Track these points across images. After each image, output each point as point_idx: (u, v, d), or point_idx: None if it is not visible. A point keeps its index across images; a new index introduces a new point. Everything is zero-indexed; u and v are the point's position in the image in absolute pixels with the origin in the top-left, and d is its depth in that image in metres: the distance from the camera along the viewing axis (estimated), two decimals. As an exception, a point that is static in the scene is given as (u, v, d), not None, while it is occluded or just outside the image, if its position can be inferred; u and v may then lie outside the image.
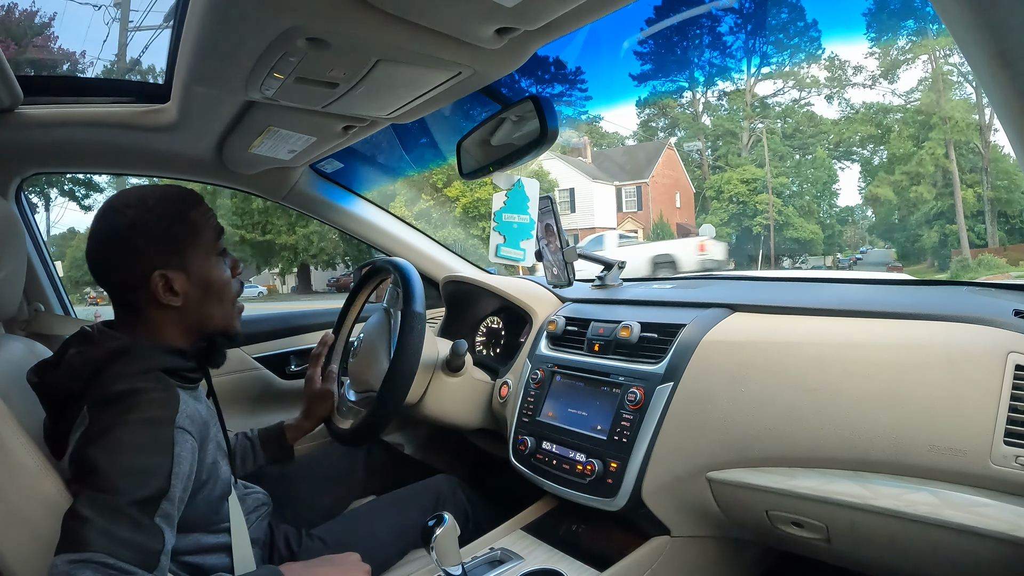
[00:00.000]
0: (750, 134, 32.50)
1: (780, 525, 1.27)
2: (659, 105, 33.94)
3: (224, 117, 1.46)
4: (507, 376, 1.80)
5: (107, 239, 1.10)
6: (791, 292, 1.59)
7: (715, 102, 34.31)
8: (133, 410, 0.97)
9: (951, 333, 1.13)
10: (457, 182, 23.11)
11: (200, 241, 1.15)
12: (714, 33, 31.39)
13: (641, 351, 1.48)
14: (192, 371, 1.16)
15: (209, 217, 1.18)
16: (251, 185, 1.99)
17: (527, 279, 2.11)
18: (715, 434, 1.30)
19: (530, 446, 1.56)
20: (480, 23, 0.97)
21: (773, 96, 32.94)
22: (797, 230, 29.18)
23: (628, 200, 30.20)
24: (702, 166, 33.32)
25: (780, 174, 30.26)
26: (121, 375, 1.01)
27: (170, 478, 0.95)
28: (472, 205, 23.21)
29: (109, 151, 1.71)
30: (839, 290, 1.57)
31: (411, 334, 1.49)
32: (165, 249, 1.11)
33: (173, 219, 1.12)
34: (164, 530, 0.92)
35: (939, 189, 26.56)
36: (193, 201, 1.17)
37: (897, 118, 29.23)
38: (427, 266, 2.31)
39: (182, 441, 1.00)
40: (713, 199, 30.75)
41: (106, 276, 1.12)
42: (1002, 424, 1.01)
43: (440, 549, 1.09)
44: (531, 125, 1.33)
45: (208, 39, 1.05)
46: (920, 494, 1.07)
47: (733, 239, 28.54)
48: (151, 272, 1.09)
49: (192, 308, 1.15)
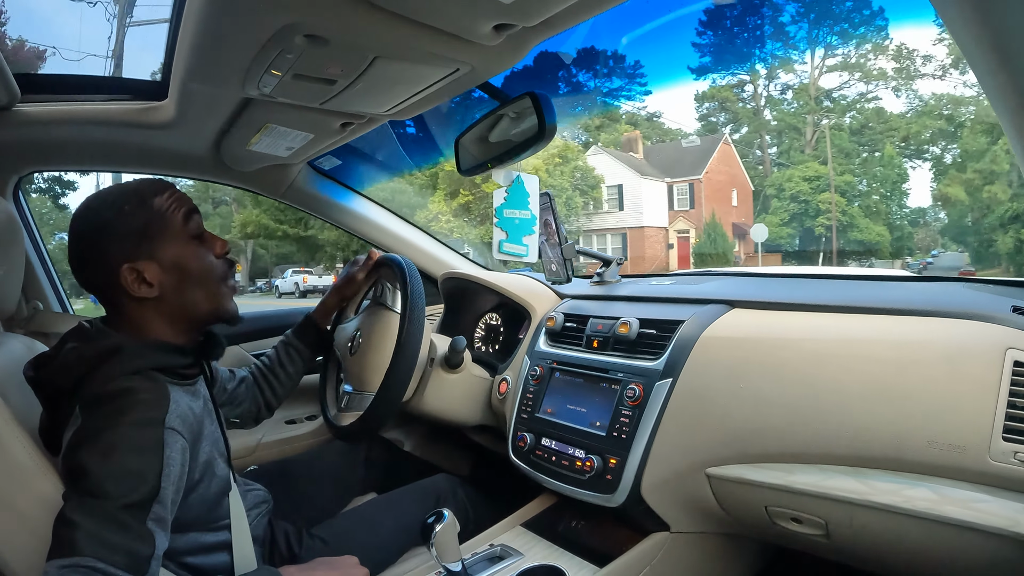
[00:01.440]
0: (814, 129, 30.44)
1: (779, 521, 1.27)
2: (719, 99, 32.44)
3: (222, 114, 1.45)
4: (506, 372, 1.80)
5: (76, 241, 1.10)
6: (789, 288, 1.59)
7: (777, 96, 32.42)
8: (122, 411, 0.96)
9: (950, 329, 1.13)
10: None
11: (168, 226, 1.13)
12: (776, 23, 29.87)
13: (640, 347, 1.48)
14: (188, 367, 1.16)
15: (175, 201, 1.15)
16: (249, 182, 1.99)
17: (526, 275, 2.11)
18: (714, 430, 1.30)
19: (529, 442, 1.56)
20: (478, 19, 0.97)
21: (838, 89, 30.85)
22: (862, 231, 27.04)
23: (680, 198, 28.43)
24: (764, 163, 32.30)
25: (845, 172, 28.23)
26: (112, 374, 1.01)
27: (160, 480, 0.94)
28: None
29: (107, 149, 1.71)
30: (837, 286, 1.57)
31: (410, 331, 1.49)
32: (130, 241, 1.09)
33: (135, 210, 1.11)
34: (156, 534, 0.91)
35: (1015, 189, 24.53)
36: (156, 189, 1.14)
37: (969, 111, 27.20)
38: (425, 263, 2.31)
39: (172, 442, 0.99)
40: (774, 197, 28.82)
41: (83, 279, 1.12)
42: (1001, 420, 1.01)
43: (440, 546, 1.09)
44: (529, 121, 1.32)
45: (206, 36, 1.05)
46: (919, 490, 1.07)
47: (796, 240, 27.39)
48: (119, 267, 1.08)
49: (171, 297, 1.13)
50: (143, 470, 0.93)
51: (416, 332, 1.50)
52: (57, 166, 1.84)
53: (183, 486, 1.02)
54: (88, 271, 1.11)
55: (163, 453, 0.97)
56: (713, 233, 26.69)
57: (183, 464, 1.02)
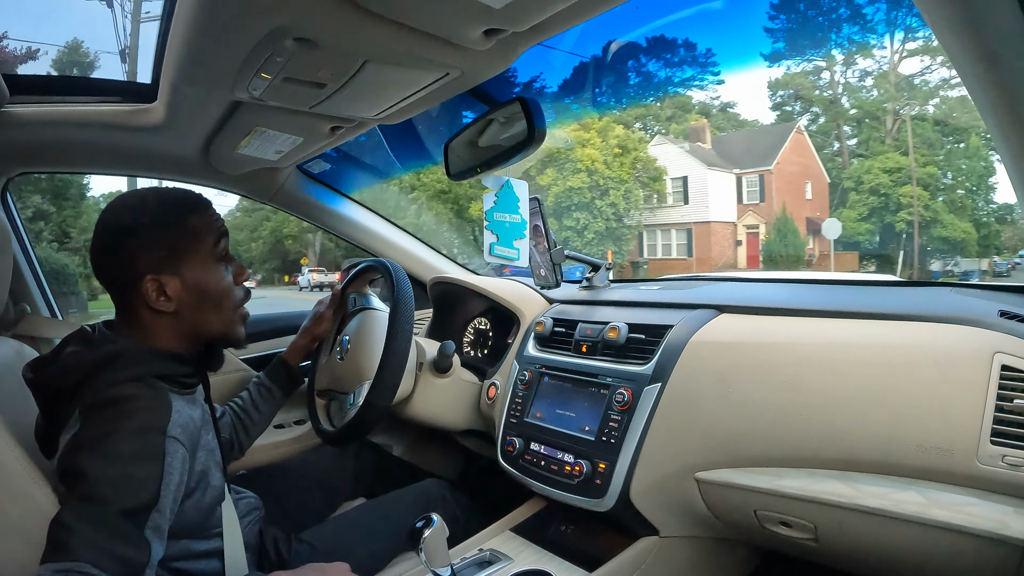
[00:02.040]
0: (895, 118, 27.11)
1: (768, 525, 1.27)
2: (793, 87, 29.68)
3: (211, 117, 1.45)
4: (495, 377, 1.80)
5: (103, 239, 1.10)
6: (777, 293, 1.60)
7: (855, 82, 28.82)
8: (124, 417, 0.96)
9: (938, 334, 1.14)
10: (550, 169, 21.53)
11: (198, 247, 1.14)
12: (852, 5, 26.61)
13: (629, 352, 1.48)
14: (188, 376, 1.15)
15: (211, 222, 1.17)
16: (238, 186, 1.99)
17: (514, 280, 2.12)
18: (703, 435, 1.30)
19: (518, 447, 1.56)
20: (468, 24, 0.97)
21: (919, 75, 27.31)
22: (946, 228, 24.17)
23: (750, 190, 25.87)
24: (842, 153, 28.82)
25: (928, 163, 25.04)
26: (114, 380, 1.00)
27: (160, 488, 0.94)
28: (565, 194, 21.39)
29: (96, 151, 1.70)
30: (825, 291, 1.58)
31: (399, 335, 1.49)
32: (159, 254, 1.09)
33: (170, 224, 1.11)
34: (152, 543, 0.91)
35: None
36: (195, 205, 1.16)
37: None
38: (414, 267, 2.30)
39: (173, 451, 0.99)
40: (852, 191, 25.78)
41: (102, 274, 1.12)
42: (988, 424, 1.02)
43: (429, 551, 1.09)
44: (519, 126, 1.33)
45: (196, 38, 1.04)
46: (908, 493, 1.08)
47: (876, 237, 25.30)
48: (143, 276, 1.08)
49: (187, 314, 1.13)
50: (143, 477, 0.93)
51: (405, 336, 1.50)
52: (45, 168, 1.83)
53: (181, 495, 1.02)
54: (111, 267, 1.11)
55: (164, 461, 0.96)
56: (784, 228, 24.59)
57: (183, 473, 1.01)
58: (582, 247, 19.70)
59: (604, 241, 22.10)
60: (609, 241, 22.38)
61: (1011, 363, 1.04)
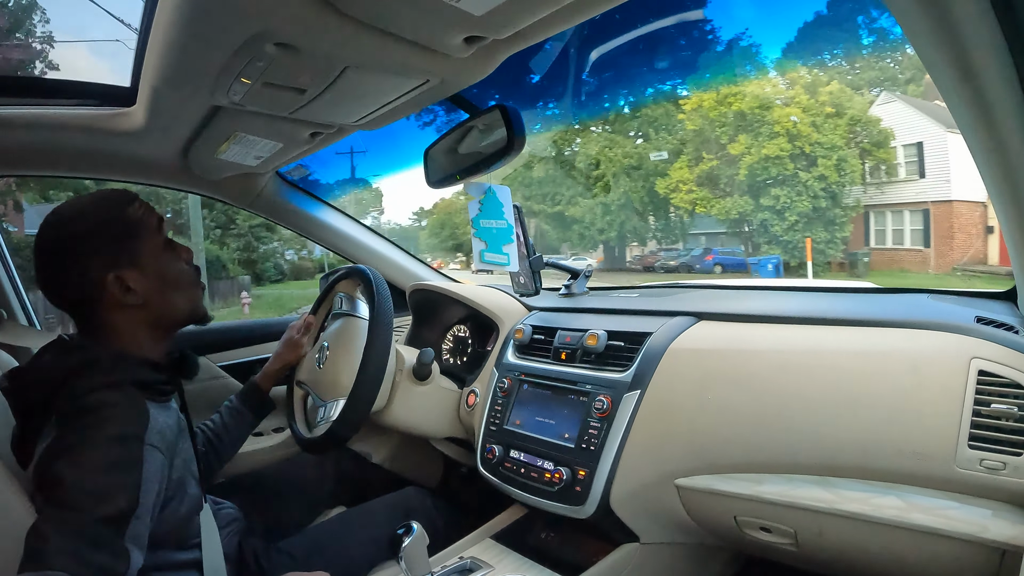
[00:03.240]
0: None
1: (748, 531, 1.28)
2: None
3: (190, 122, 1.44)
4: (474, 384, 1.80)
5: (54, 255, 1.08)
6: (756, 301, 1.61)
7: None
8: (102, 425, 0.95)
9: (915, 340, 1.15)
10: (743, 135, 16.71)
11: (144, 235, 1.14)
12: None
13: (608, 359, 1.49)
14: (164, 383, 1.14)
15: (147, 210, 1.17)
16: (217, 191, 1.97)
17: (494, 287, 2.12)
18: (682, 441, 1.31)
19: (498, 454, 1.55)
20: (449, 32, 0.97)
21: None
22: None
23: None
24: None
25: None
26: (90, 387, 0.99)
27: (139, 496, 0.93)
28: (761, 166, 16.35)
29: (72, 155, 1.67)
30: (803, 298, 1.59)
31: (378, 342, 1.49)
32: (112, 251, 1.09)
33: (113, 220, 1.11)
34: (131, 551, 0.89)
35: None
36: (127, 198, 1.15)
37: None
38: (394, 274, 2.30)
39: (151, 458, 0.98)
40: None
41: (62, 293, 1.10)
42: (966, 428, 1.04)
43: (409, 559, 1.08)
44: (498, 134, 1.33)
45: (176, 42, 1.03)
46: (887, 498, 1.09)
47: None
48: (105, 276, 1.07)
49: (154, 302, 1.13)
50: (121, 485, 0.92)
51: (384, 344, 1.50)
52: (19, 172, 1.81)
53: (160, 503, 1.01)
54: (65, 285, 1.09)
55: (142, 469, 0.95)
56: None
57: (161, 481, 1.00)
58: (782, 233, 16.26)
59: (812, 226, 16.49)
60: (819, 225, 16.62)
61: (988, 368, 1.05)
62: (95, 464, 0.91)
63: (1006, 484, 1.00)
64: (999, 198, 0.96)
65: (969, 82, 0.77)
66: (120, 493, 0.91)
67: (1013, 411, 1.02)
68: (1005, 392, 1.04)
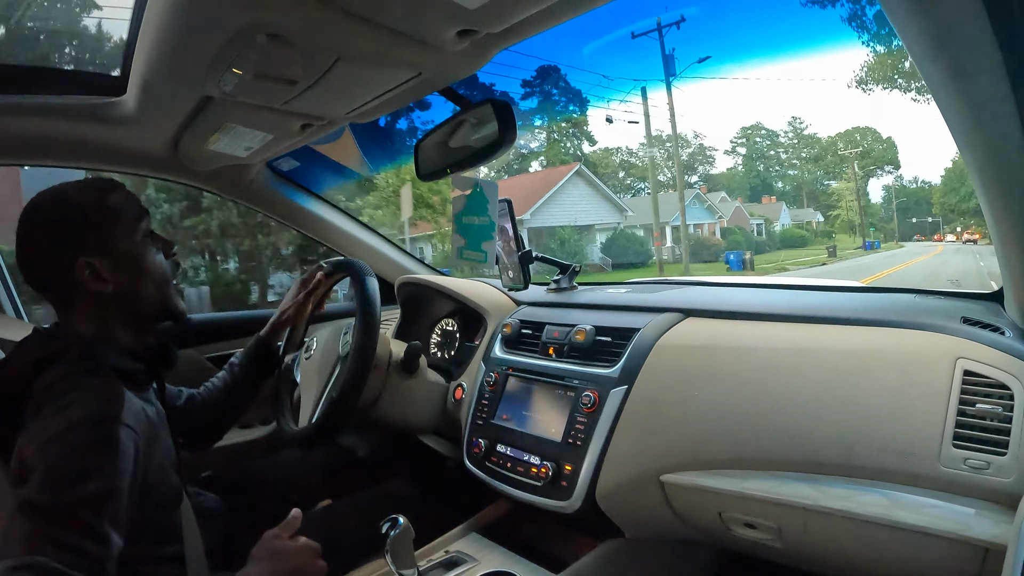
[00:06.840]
0: None
1: (733, 527, 1.29)
2: None
3: (181, 112, 1.43)
4: (461, 378, 1.81)
5: (29, 235, 1.08)
6: (744, 297, 1.62)
7: None
8: (76, 408, 0.94)
9: (902, 339, 1.16)
10: None
11: (121, 225, 1.13)
12: None
13: (595, 354, 1.49)
14: (141, 373, 1.14)
15: (130, 201, 1.16)
16: (207, 182, 1.97)
17: (482, 281, 2.12)
18: (668, 437, 1.31)
19: (484, 448, 1.56)
20: (442, 25, 0.97)
21: None
22: None
23: None
24: None
25: None
26: (65, 372, 0.99)
27: (116, 478, 0.92)
28: None
29: (61, 144, 1.66)
30: (791, 296, 1.60)
31: (366, 335, 1.49)
32: (86, 235, 1.08)
33: (91, 206, 1.10)
34: (111, 534, 0.89)
35: None
36: (111, 187, 1.15)
37: None
38: (383, 267, 2.30)
39: (126, 439, 0.97)
40: None
41: (38, 275, 1.10)
42: (951, 427, 1.04)
43: (394, 553, 1.09)
44: (490, 128, 1.33)
45: (167, 32, 1.03)
46: (871, 495, 1.09)
47: None
48: (75, 259, 1.07)
49: (124, 292, 1.12)
50: (97, 467, 0.91)
51: (371, 337, 1.49)
52: (8, 161, 1.79)
53: (137, 486, 1.00)
54: (42, 266, 1.09)
55: (118, 450, 0.94)
56: None
57: (137, 463, 0.99)
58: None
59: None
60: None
61: (973, 368, 1.06)
62: (71, 447, 0.90)
63: (990, 483, 1.01)
64: (987, 199, 0.96)
65: (960, 81, 0.77)
66: (97, 476, 0.90)
67: (998, 411, 1.02)
68: (990, 392, 1.04)
